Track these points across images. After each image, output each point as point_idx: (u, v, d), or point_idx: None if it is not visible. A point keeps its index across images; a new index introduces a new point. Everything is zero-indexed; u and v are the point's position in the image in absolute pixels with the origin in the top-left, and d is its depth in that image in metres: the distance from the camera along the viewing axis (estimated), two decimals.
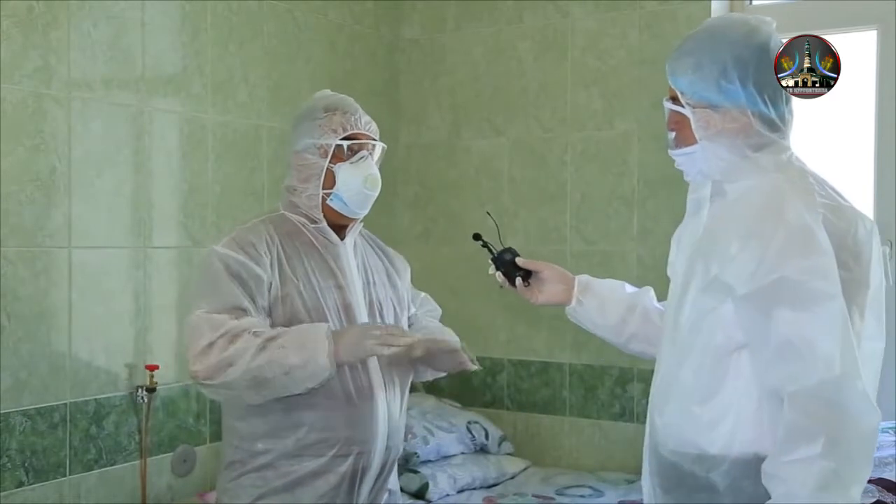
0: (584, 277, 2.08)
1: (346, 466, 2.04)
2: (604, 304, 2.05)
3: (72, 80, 2.81)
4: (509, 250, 2.08)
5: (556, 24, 3.69)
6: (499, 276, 2.09)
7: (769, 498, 1.61)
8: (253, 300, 2.00)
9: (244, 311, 1.98)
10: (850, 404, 1.57)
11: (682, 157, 1.80)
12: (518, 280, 2.07)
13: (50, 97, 2.76)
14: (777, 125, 1.74)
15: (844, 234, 1.67)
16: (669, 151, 1.83)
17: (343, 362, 1.96)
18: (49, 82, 2.75)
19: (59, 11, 2.77)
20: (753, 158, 1.73)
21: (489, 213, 2.21)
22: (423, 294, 2.40)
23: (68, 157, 2.80)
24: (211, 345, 1.93)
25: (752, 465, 1.66)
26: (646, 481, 1.88)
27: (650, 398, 1.86)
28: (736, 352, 1.69)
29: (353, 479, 2.06)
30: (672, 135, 1.81)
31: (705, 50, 1.74)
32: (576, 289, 2.06)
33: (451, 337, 2.24)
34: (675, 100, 1.79)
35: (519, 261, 2.07)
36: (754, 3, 3.49)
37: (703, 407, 1.72)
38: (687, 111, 1.75)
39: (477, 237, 2.12)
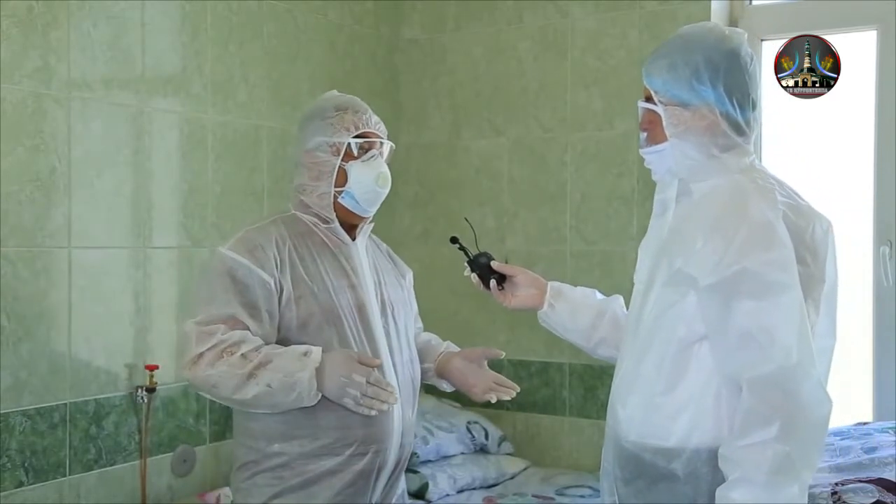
0: (557, 284, 2.16)
1: (362, 464, 2.05)
2: (575, 310, 2.13)
3: (72, 80, 2.81)
4: (485, 254, 2.17)
5: (556, 24, 3.69)
6: (474, 277, 2.17)
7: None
8: (255, 306, 2.00)
9: (240, 321, 1.98)
10: (806, 392, 1.66)
11: (651, 155, 1.89)
12: (492, 283, 2.15)
13: (50, 97, 2.76)
14: (742, 129, 1.83)
15: (803, 232, 1.76)
16: (640, 150, 1.92)
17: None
18: (49, 82, 2.75)
19: (59, 11, 2.77)
20: (719, 159, 1.82)
21: (467, 220, 2.27)
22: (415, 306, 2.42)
23: (68, 157, 2.80)
24: (200, 356, 1.95)
25: (711, 454, 1.73)
26: (605, 478, 1.94)
27: (611, 393, 1.94)
28: (697, 343, 1.77)
29: (369, 476, 2.07)
30: (644, 134, 1.90)
31: (680, 53, 1.83)
32: (548, 293, 2.14)
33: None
34: (648, 100, 1.87)
35: (494, 264, 2.16)
36: (754, 2, 3.49)
37: (666, 397, 1.79)
38: (659, 109, 1.84)
39: (454, 240, 2.18)
